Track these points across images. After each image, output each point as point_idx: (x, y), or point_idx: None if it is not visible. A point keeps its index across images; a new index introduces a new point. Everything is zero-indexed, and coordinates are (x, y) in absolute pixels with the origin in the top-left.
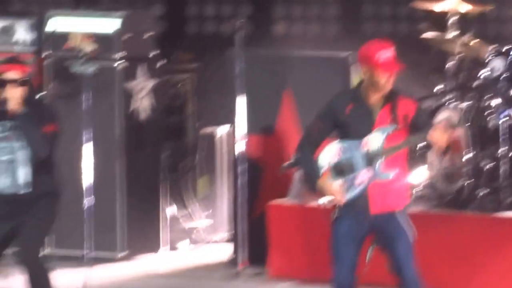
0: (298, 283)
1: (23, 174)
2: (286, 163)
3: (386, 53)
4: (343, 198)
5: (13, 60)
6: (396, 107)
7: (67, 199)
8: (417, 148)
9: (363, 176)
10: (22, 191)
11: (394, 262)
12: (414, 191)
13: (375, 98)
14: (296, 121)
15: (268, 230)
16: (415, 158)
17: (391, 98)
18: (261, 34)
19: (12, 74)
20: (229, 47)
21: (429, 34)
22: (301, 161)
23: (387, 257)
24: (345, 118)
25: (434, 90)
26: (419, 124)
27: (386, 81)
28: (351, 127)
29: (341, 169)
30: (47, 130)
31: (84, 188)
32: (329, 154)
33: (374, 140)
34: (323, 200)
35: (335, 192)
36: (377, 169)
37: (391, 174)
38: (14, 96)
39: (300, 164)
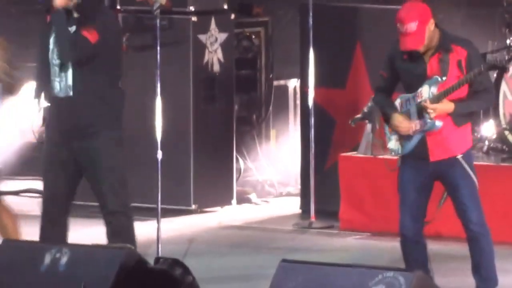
0: (369, 236)
1: (71, 75)
2: (356, 116)
3: (403, 28)
4: (414, 127)
5: None
6: (446, 56)
7: (140, 151)
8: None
9: (416, 126)
10: (70, 93)
11: (458, 206)
12: (485, 143)
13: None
14: (367, 74)
15: (339, 183)
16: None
17: (441, 47)
18: None
19: None
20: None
21: None
22: (377, 103)
23: (452, 201)
24: (402, 66)
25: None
26: (472, 68)
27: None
28: (408, 77)
29: None
30: (85, 34)
31: (157, 141)
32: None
33: (426, 91)
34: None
35: (404, 123)
36: (426, 119)
37: (440, 123)
38: None
39: (376, 102)
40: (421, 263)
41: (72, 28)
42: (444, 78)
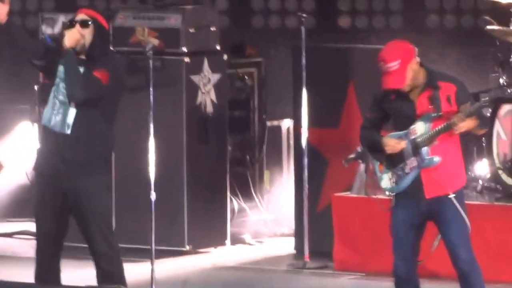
0: (363, 276)
1: (73, 114)
2: (349, 156)
3: (385, 67)
4: (401, 144)
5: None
6: (436, 92)
7: (134, 192)
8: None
9: (412, 163)
10: (68, 131)
11: (447, 244)
12: (479, 183)
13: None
14: (360, 113)
15: (333, 223)
16: (480, 149)
17: (428, 84)
18: (325, 28)
19: (78, 15)
20: (294, 40)
21: (493, 27)
22: (362, 139)
23: (442, 239)
24: (390, 106)
25: (498, 82)
26: (462, 102)
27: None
28: (397, 116)
29: (393, 160)
30: (97, 74)
31: (150, 181)
32: None
33: (419, 128)
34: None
35: (397, 144)
36: (424, 155)
37: (438, 159)
38: (71, 35)
39: (362, 139)
40: None
41: (81, 69)
42: (438, 114)
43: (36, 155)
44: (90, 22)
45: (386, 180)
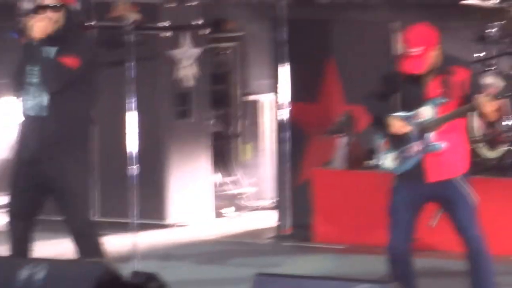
0: (344, 249)
1: (47, 97)
2: (330, 129)
3: (408, 50)
4: (406, 129)
5: None
6: (447, 77)
7: (115, 167)
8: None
9: (416, 147)
10: (44, 113)
11: (457, 225)
12: None
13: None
14: (340, 88)
15: (312, 196)
16: None
17: (442, 69)
18: (305, 1)
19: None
20: (274, 14)
21: (470, 1)
22: (369, 109)
23: (451, 221)
24: (400, 86)
25: (475, 57)
26: (472, 92)
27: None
28: (405, 97)
29: (397, 141)
30: (65, 61)
31: (128, 156)
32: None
33: (426, 112)
34: (379, 161)
35: (401, 127)
36: (428, 140)
37: (443, 145)
38: (40, 25)
39: (369, 111)
40: (407, 280)
41: (51, 54)
42: (446, 100)
43: (15, 142)
44: (59, 5)
45: (389, 160)
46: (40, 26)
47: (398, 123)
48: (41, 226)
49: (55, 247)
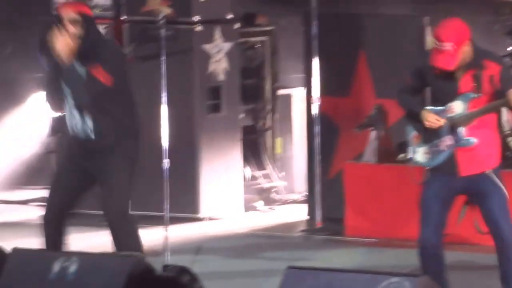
0: (374, 242)
1: (90, 120)
2: (361, 123)
3: (439, 45)
4: (440, 123)
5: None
6: (480, 72)
7: (148, 161)
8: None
9: (448, 141)
10: (92, 136)
11: (489, 219)
12: None
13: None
14: (371, 81)
15: (343, 190)
16: None
17: (474, 63)
18: None
19: (64, 14)
20: (305, 8)
21: None
22: (402, 102)
23: (482, 215)
24: (432, 80)
25: (507, 51)
26: (503, 87)
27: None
28: (437, 91)
29: (428, 135)
30: (95, 74)
31: (164, 150)
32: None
33: (458, 106)
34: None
35: (436, 121)
36: (460, 135)
37: (474, 140)
38: (61, 44)
39: (401, 103)
40: (438, 273)
41: (82, 72)
42: (478, 95)
43: (53, 125)
44: (79, 19)
45: (421, 154)
46: (64, 47)
47: (432, 116)
48: (79, 220)
49: (92, 240)
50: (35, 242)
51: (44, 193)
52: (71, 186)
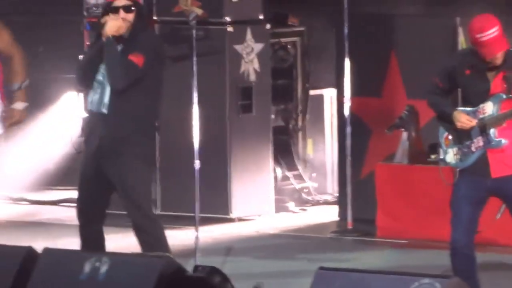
0: (405, 244)
1: (109, 93)
2: (392, 124)
3: (487, 35)
4: (472, 123)
5: None
6: (510, 74)
7: (178, 161)
8: None
9: (478, 143)
10: (104, 110)
11: None
12: None
13: (489, 66)
14: (402, 82)
15: (375, 191)
16: None
17: (505, 65)
18: None
19: (119, 1)
20: (337, 8)
21: None
22: (432, 103)
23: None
24: (464, 81)
25: None
26: None
27: (491, 58)
28: (469, 92)
29: (459, 136)
30: (132, 59)
31: (194, 150)
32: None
33: (489, 108)
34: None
35: (468, 121)
36: (491, 136)
37: (505, 141)
38: (114, 23)
39: (431, 105)
40: (469, 275)
41: (123, 55)
42: (509, 96)
43: (83, 125)
44: (133, 6)
45: (451, 155)
46: (114, 25)
47: (464, 117)
48: (111, 220)
49: (123, 241)
50: (66, 242)
51: (75, 193)
52: (96, 185)
